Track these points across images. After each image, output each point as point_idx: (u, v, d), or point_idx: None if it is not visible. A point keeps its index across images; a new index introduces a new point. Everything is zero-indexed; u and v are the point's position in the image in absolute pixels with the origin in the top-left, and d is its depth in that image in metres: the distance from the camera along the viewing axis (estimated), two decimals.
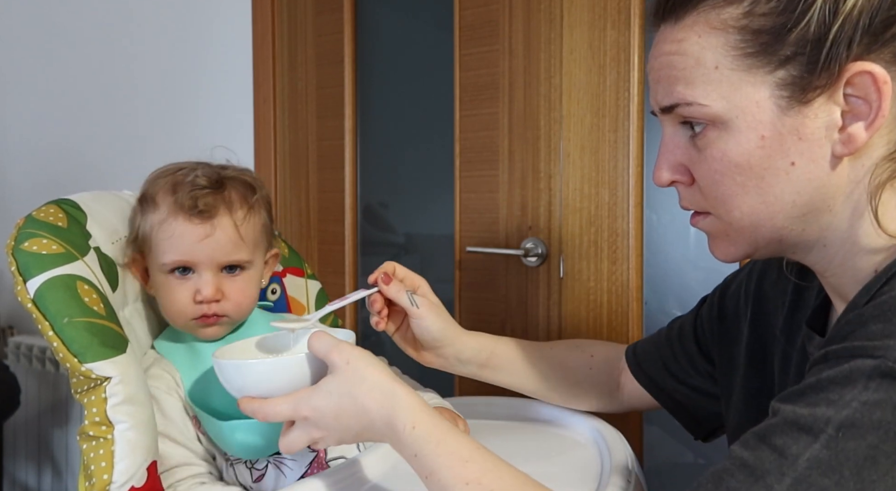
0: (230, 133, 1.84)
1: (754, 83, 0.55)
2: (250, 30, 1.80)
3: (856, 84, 0.53)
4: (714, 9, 0.56)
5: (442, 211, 1.56)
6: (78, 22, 2.13)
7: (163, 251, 0.87)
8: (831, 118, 0.55)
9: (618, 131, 1.32)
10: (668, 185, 0.64)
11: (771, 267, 0.78)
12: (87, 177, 2.12)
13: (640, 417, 1.33)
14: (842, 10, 0.52)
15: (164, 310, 0.91)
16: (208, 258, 0.87)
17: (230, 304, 0.89)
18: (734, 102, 0.56)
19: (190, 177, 0.88)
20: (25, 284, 0.79)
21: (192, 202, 0.85)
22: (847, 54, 0.53)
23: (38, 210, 0.86)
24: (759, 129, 0.56)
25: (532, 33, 1.41)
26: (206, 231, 0.86)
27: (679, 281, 1.32)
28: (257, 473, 0.87)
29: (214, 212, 0.86)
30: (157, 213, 0.88)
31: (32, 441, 2.05)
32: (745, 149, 0.57)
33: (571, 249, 1.38)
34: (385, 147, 1.67)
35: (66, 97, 2.17)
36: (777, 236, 0.60)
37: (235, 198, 0.89)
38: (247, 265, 0.91)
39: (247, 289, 0.91)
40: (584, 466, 0.86)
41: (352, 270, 1.69)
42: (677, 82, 0.59)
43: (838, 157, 0.55)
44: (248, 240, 0.89)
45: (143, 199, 0.91)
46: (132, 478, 0.78)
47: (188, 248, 0.86)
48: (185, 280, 0.88)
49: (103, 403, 0.79)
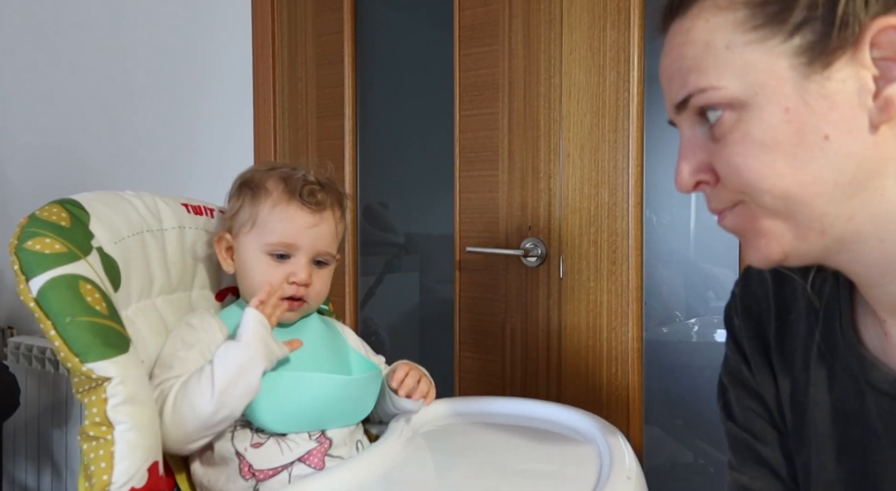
0: (230, 133, 1.84)
1: (770, 55, 0.51)
2: (250, 30, 1.80)
3: (882, 44, 0.49)
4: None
5: (442, 211, 1.56)
6: (78, 22, 2.13)
7: (271, 231, 0.95)
8: (862, 84, 0.50)
9: (618, 131, 1.32)
10: (693, 188, 0.58)
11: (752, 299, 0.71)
12: (88, 177, 2.11)
13: (640, 417, 1.33)
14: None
15: (252, 287, 0.96)
16: (311, 245, 0.96)
17: (313, 291, 0.97)
18: (751, 79, 0.52)
19: (298, 174, 0.99)
20: (28, 283, 0.79)
21: (309, 193, 0.96)
22: (866, 11, 0.49)
23: (42, 209, 0.86)
24: (783, 102, 0.51)
25: (532, 33, 1.41)
26: (315, 220, 0.96)
27: (679, 281, 1.33)
28: (258, 439, 0.89)
29: (325, 206, 0.97)
30: (270, 197, 0.96)
31: (32, 441, 2.05)
32: (769, 125, 0.52)
33: (571, 249, 1.38)
34: (385, 147, 1.67)
35: (66, 98, 2.17)
36: (819, 227, 0.53)
37: (335, 199, 1.00)
38: (331, 261, 1.00)
39: (327, 281, 1.01)
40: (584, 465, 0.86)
41: (352, 270, 1.69)
42: (689, 72, 0.55)
43: (878, 127, 0.50)
44: (338, 238, 1.01)
45: (249, 184, 0.99)
46: (132, 479, 0.78)
47: (297, 231, 0.95)
48: (281, 263, 0.96)
49: (104, 404, 0.79)
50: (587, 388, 1.37)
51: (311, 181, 0.98)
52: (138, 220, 0.97)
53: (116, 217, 0.94)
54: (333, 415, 0.92)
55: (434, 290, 1.64)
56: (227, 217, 1.01)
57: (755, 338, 0.71)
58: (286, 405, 0.88)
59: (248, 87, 1.81)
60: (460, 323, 1.53)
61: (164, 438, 0.84)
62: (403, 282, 1.69)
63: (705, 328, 1.32)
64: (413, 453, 0.89)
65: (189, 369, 0.87)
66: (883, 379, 0.58)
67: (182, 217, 1.05)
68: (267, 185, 0.97)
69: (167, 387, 0.86)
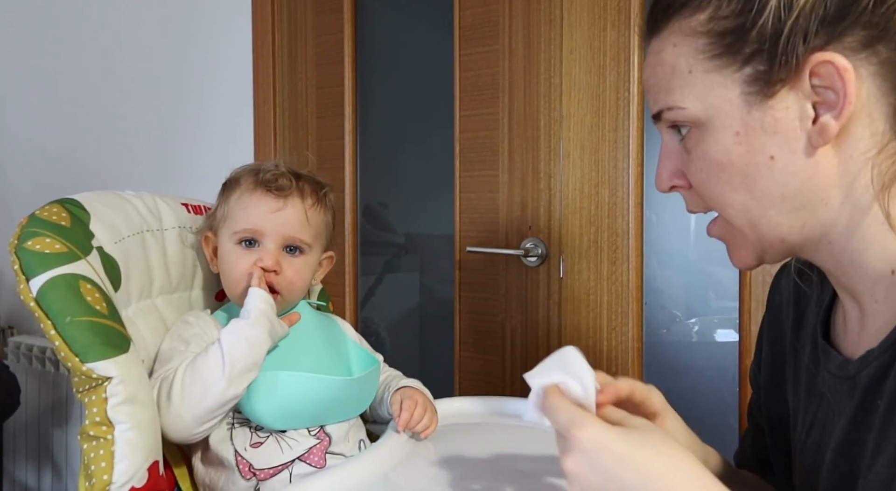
0: (230, 133, 1.84)
1: (724, 83, 0.58)
2: (250, 30, 1.80)
3: (821, 74, 0.54)
4: (685, 18, 0.59)
5: (442, 211, 1.56)
6: (78, 22, 2.13)
7: (236, 220, 0.96)
8: (803, 110, 0.56)
9: (618, 131, 1.32)
10: (670, 190, 0.66)
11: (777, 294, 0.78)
12: (87, 177, 2.12)
13: None
14: (796, 4, 0.54)
15: (226, 279, 0.98)
16: (275, 231, 0.95)
17: (285, 280, 0.95)
18: (709, 103, 0.58)
19: (271, 166, 0.98)
20: (28, 282, 0.79)
21: (272, 178, 0.95)
22: (805, 46, 0.54)
23: (42, 209, 0.86)
24: (734, 126, 0.58)
25: (532, 33, 1.41)
26: (278, 205, 0.95)
27: (679, 281, 1.33)
28: (257, 439, 0.89)
29: (289, 191, 0.96)
30: (238, 189, 0.97)
31: (32, 441, 2.05)
32: (723, 146, 0.58)
33: (571, 249, 1.38)
34: (385, 147, 1.67)
35: (67, 98, 2.17)
36: (777, 235, 0.60)
37: (308, 188, 0.99)
38: (306, 249, 0.98)
39: (302, 271, 0.98)
40: None
41: (352, 270, 1.70)
42: (660, 90, 0.62)
43: (816, 148, 0.56)
44: (312, 225, 0.98)
45: (227, 183, 1.00)
46: (132, 478, 0.78)
47: (260, 217, 0.95)
48: (249, 251, 0.95)
49: (104, 403, 0.79)
50: None
51: (279, 170, 0.97)
52: (138, 219, 0.97)
53: (117, 217, 0.94)
54: (334, 412, 0.92)
55: (434, 290, 1.64)
56: (207, 216, 1.03)
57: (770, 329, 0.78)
58: (287, 405, 0.88)
59: (248, 87, 1.81)
60: (460, 323, 1.53)
61: (170, 425, 0.84)
62: (403, 282, 1.69)
63: (705, 328, 1.32)
64: (413, 453, 0.89)
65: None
66: (832, 362, 0.64)
67: (182, 217, 1.05)
68: (240, 179, 0.98)
69: (168, 375, 0.86)
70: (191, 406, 0.83)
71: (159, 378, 0.86)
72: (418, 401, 0.94)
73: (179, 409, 0.83)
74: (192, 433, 0.85)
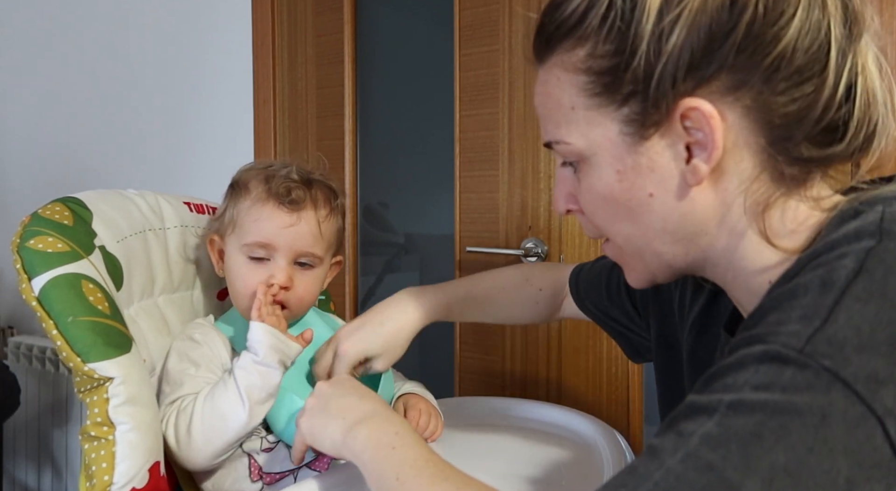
0: (230, 133, 1.84)
1: (604, 122, 0.58)
2: (250, 30, 1.80)
3: (692, 118, 0.55)
4: (567, 52, 0.59)
5: (442, 211, 1.56)
6: (78, 22, 2.13)
7: (247, 231, 0.92)
8: (676, 151, 0.57)
9: None
10: (566, 214, 0.67)
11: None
12: (88, 177, 2.12)
13: (640, 418, 1.33)
14: (665, 49, 0.54)
15: (234, 291, 0.95)
16: (288, 246, 0.92)
17: (295, 296, 0.93)
18: (592, 139, 0.59)
19: (283, 171, 0.94)
20: (30, 281, 0.79)
21: (286, 191, 0.91)
22: (675, 90, 0.54)
23: (44, 208, 0.86)
24: (615, 164, 0.59)
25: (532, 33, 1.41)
26: (292, 220, 0.92)
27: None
28: (268, 444, 0.89)
29: (303, 204, 0.93)
30: (249, 197, 0.93)
31: (32, 441, 2.05)
32: (606, 182, 0.60)
33: (571, 249, 1.38)
34: (385, 147, 1.68)
35: (67, 97, 2.17)
36: (664, 261, 0.62)
37: (321, 197, 0.95)
38: (318, 262, 0.96)
39: (312, 285, 0.96)
40: (583, 466, 0.86)
41: (352, 270, 1.70)
42: (548, 122, 0.62)
43: (691, 187, 0.57)
44: (325, 237, 0.95)
45: (235, 185, 0.97)
46: (133, 479, 0.78)
47: (273, 232, 0.91)
48: (260, 265, 0.92)
49: (105, 404, 0.79)
50: (587, 388, 1.38)
51: (292, 179, 0.93)
52: (141, 218, 0.97)
53: (119, 216, 0.93)
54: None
55: None
56: (214, 218, 1.00)
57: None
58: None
59: (248, 87, 1.81)
60: (460, 323, 1.53)
61: (190, 459, 0.84)
62: (403, 282, 1.69)
63: None
64: None
65: (200, 387, 0.87)
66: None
67: (184, 216, 1.05)
68: (249, 184, 0.94)
69: (184, 406, 0.85)
70: (212, 440, 0.83)
71: (174, 407, 0.86)
72: (421, 409, 0.93)
73: (199, 443, 0.83)
74: (210, 464, 0.86)
